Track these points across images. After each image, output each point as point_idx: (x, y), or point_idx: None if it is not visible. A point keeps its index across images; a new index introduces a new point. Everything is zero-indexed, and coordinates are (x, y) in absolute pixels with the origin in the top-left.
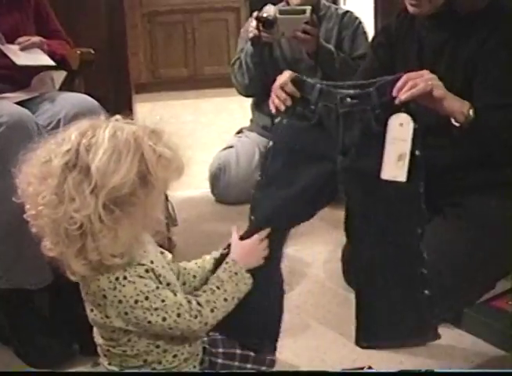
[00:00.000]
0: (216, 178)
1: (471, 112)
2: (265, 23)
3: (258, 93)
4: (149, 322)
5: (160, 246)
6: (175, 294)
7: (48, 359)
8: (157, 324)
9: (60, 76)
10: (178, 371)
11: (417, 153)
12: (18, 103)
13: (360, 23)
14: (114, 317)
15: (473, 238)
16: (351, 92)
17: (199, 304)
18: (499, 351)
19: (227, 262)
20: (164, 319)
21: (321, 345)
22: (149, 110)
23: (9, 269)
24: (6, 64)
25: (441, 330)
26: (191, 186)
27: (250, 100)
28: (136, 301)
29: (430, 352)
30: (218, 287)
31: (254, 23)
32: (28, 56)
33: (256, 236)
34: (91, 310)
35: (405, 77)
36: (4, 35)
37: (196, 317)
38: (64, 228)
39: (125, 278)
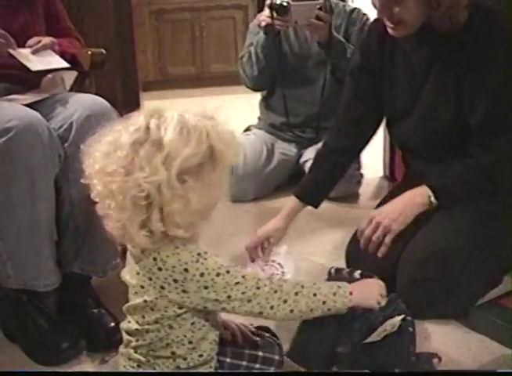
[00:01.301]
0: None
1: (432, 199)
2: (279, 10)
3: (266, 88)
4: (229, 297)
5: None
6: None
7: (56, 357)
8: (237, 298)
9: (71, 76)
10: (178, 371)
11: None
12: (28, 106)
13: (368, 19)
14: (193, 292)
15: (476, 230)
16: None
17: (279, 281)
18: (507, 349)
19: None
20: (244, 292)
21: None
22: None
23: (20, 271)
24: (15, 65)
25: (448, 327)
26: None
27: (257, 98)
28: (218, 274)
29: (437, 349)
30: (313, 283)
31: (267, 11)
32: (41, 59)
33: (379, 282)
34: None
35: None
36: (14, 35)
37: (275, 292)
38: (132, 196)
39: (206, 252)
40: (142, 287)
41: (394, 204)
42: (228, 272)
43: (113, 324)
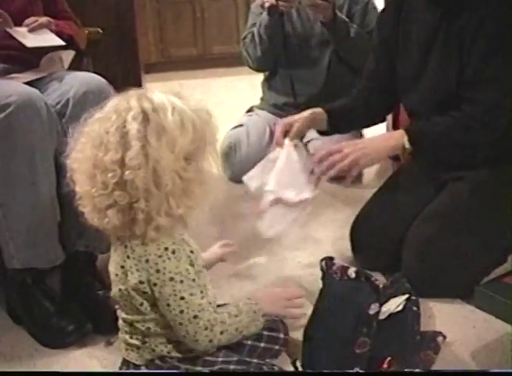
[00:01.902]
0: (227, 157)
1: (406, 145)
2: None
3: (269, 68)
4: (168, 305)
5: None
6: (203, 298)
7: (61, 339)
8: (173, 312)
9: (69, 56)
10: (177, 371)
11: None
12: (27, 83)
13: None
14: (146, 283)
15: (481, 209)
16: None
17: (215, 319)
18: (511, 327)
19: (250, 299)
20: (182, 311)
21: None
22: (158, 90)
23: (21, 249)
24: (14, 45)
25: (453, 306)
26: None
27: (259, 79)
28: (171, 279)
29: (442, 328)
30: (235, 315)
31: None
32: (37, 37)
33: (285, 290)
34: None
35: (320, 155)
36: (11, 16)
37: (206, 329)
38: (155, 185)
39: (174, 252)
40: (117, 274)
41: (368, 140)
42: (181, 282)
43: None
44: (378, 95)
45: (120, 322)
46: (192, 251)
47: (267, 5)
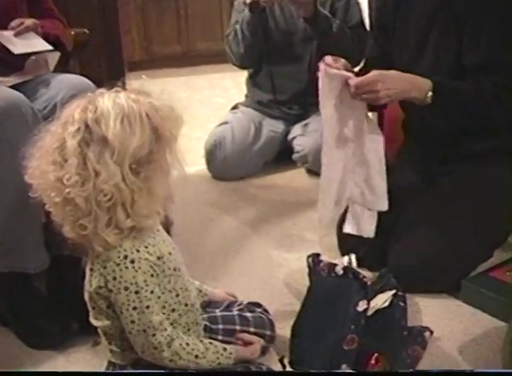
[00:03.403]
0: (212, 155)
1: (429, 94)
2: None
3: (253, 65)
4: (122, 313)
5: None
6: (158, 315)
7: (48, 341)
8: (124, 321)
9: (54, 57)
10: (174, 371)
11: None
12: (12, 87)
13: None
14: (105, 288)
15: (468, 204)
16: None
17: (168, 343)
18: (498, 322)
19: (225, 349)
20: (133, 322)
21: None
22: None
23: (7, 254)
24: None
25: (440, 301)
26: (186, 163)
27: (244, 76)
28: (126, 289)
29: (429, 323)
30: (202, 353)
31: None
32: (24, 42)
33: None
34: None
35: (354, 84)
36: None
37: (155, 348)
38: (96, 202)
39: (133, 261)
40: (88, 276)
41: (396, 76)
42: (136, 292)
43: None
44: None
45: (99, 329)
46: (159, 257)
47: (248, 1)
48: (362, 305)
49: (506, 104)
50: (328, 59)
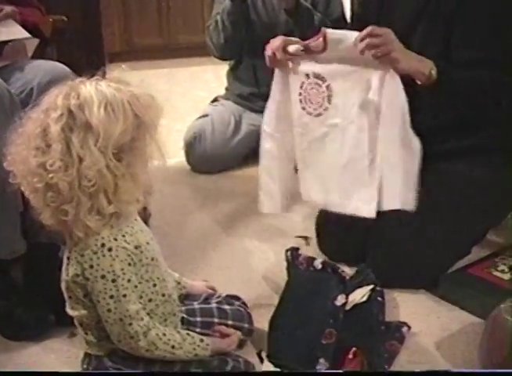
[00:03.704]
0: (191, 147)
1: (433, 72)
2: None
3: (233, 57)
4: (98, 301)
5: None
6: (135, 303)
7: (24, 332)
8: (101, 309)
9: (33, 44)
10: (174, 371)
11: None
12: None
13: None
14: (82, 276)
15: (446, 200)
16: None
17: (145, 333)
18: (475, 318)
19: (202, 340)
20: (109, 310)
21: None
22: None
23: None
24: None
25: (418, 296)
26: (166, 155)
27: (225, 69)
28: (103, 277)
29: (406, 318)
30: (178, 343)
31: None
32: (3, 29)
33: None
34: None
35: (369, 29)
36: None
37: (131, 338)
38: (80, 187)
39: (110, 250)
40: (65, 265)
41: (405, 50)
42: (113, 281)
43: None
44: None
45: (75, 320)
46: (137, 247)
47: None
48: (340, 300)
49: (500, 98)
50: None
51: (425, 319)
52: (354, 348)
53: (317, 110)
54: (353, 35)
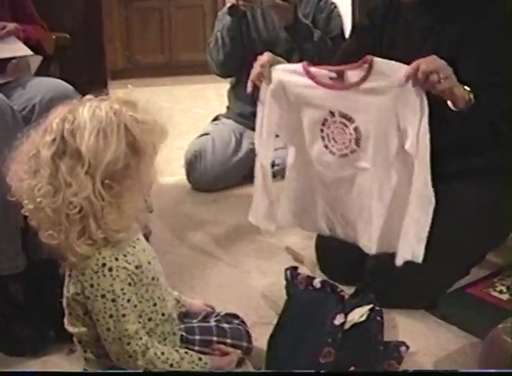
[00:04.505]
0: (192, 165)
1: (471, 96)
2: None
3: (233, 74)
4: (98, 320)
5: None
6: (134, 323)
7: (23, 347)
8: (100, 328)
9: (36, 61)
10: (176, 371)
11: None
12: None
13: (335, 7)
14: (82, 295)
15: (447, 222)
16: None
17: (143, 352)
18: (474, 338)
19: (200, 359)
20: (109, 329)
21: None
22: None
23: None
24: None
25: (417, 316)
26: (166, 173)
27: (226, 87)
28: (103, 296)
29: (405, 338)
30: (177, 362)
31: None
32: (5, 46)
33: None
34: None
35: (421, 66)
36: None
37: (130, 356)
38: (65, 214)
39: (111, 269)
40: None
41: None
42: (113, 301)
43: None
44: None
45: (74, 337)
46: (138, 267)
47: (228, 5)
48: (339, 319)
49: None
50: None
51: (424, 339)
52: (352, 368)
53: (342, 151)
54: (401, 68)
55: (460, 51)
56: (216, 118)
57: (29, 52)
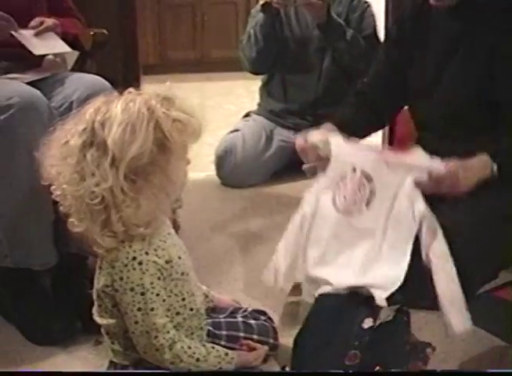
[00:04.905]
0: (222, 161)
1: (495, 167)
2: None
3: (266, 71)
4: (126, 313)
5: None
6: (163, 318)
7: (50, 338)
8: (129, 321)
9: (72, 56)
10: (176, 371)
11: None
12: (29, 84)
13: (368, 6)
14: (111, 287)
15: (476, 225)
16: None
17: (170, 346)
18: (500, 341)
19: (227, 354)
20: (137, 322)
21: None
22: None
23: (15, 250)
24: (16, 43)
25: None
26: (196, 169)
27: (256, 84)
28: (132, 289)
29: (431, 339)
30: (203, 357)
31: None
32: (44, 43)
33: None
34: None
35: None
36: (15, 15)
37: (157, 350)
38: (87, 203)
39: (140, 263)
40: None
41: (471, 164)
42: (142, 294)
43: None
44: (383, 100)
45: (102, 328)
46: (168, 261)
47: (261, 2)
48: (367, 323)
49: None
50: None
51: (449, 341)
52: (378, 367)
53: (348, 209)
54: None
55: (493, 63)
56: (247, 115)
57: (67, 48)
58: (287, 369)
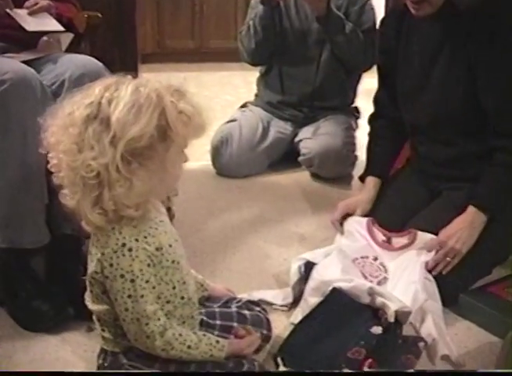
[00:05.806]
0: (218, 151)
1: (487, 215)
2: None
3: (264, 62)
4: (116, 299)
5: None
6: (153, 304)
7: (42, 323)
8: (119, 308)
9: (67, 38)
10: (176, 371)
11: None
12: (23, 63)
13: (368, 0)
14: (101, 274)
15: None
16: None
17: (161, 333)
18: (493, 337)
19: (218, 341)
20: (127, 309)
21: None
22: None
23: (5, 227)
24: (12, 24)
25: None
26: (192, 158)
27: (254, 75)
28: (122, 276)
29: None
30: (194, 344)
31: None
32: (37, 21)
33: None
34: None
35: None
36: None
37: (147, 337)
38: (81, 176)
39: (130, 250)
40: (91, 261)
41: (460, 226)
42: (132, 281)
43: None
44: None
45: (94, 315)
46: (158, 248)
47: None
48: (375, 330)
49: None
50: None
51: None
52: (370, 360)
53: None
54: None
55: (474, 70)
56: (244, 105)
57: (60, 27)
58: (279, 359)
